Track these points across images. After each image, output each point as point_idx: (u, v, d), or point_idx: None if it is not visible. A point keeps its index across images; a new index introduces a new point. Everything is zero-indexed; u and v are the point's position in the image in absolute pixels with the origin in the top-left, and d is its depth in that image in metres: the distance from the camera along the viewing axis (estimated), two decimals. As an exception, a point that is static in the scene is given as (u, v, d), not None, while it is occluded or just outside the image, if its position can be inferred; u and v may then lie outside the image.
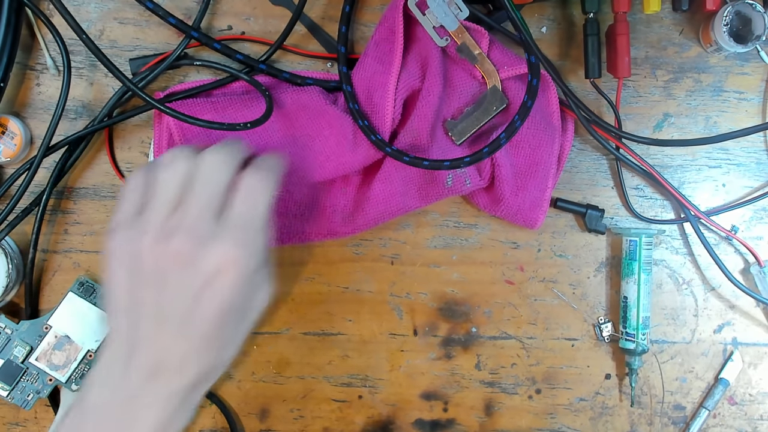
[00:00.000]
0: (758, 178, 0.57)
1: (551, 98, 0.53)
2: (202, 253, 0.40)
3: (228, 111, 0.52)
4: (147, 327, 0.41)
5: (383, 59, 0.51)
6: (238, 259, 0.40)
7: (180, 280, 0.40)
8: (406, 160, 0.50)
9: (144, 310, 0.41)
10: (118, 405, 0.40)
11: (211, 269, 0.40)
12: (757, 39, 0.52)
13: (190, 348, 0.40)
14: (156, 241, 0.40)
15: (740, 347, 0.57)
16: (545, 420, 0.57)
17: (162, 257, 0.40)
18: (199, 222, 0.40)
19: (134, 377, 0.40)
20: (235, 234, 0.41)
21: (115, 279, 0.42)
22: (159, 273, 0.40)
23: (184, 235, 0.40)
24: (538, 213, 0.54)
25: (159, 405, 0.40)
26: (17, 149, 0.54)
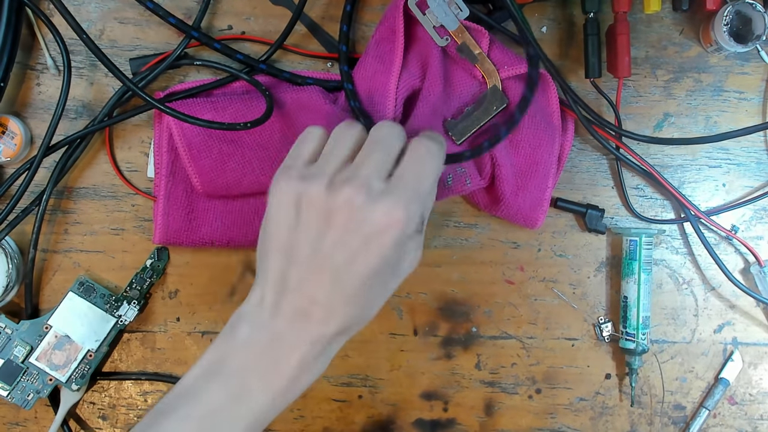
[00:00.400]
0: (758, 178, 0.57)
1: (551, 98, 0.53)
2: (371, 207, 0.40)
3: (228, 111, 0.52)
4: (301, 271, 0.41)
5: (384, 58, 0.51)
6: (401, 220, 0.40)
7: (344, 230, 0.40)
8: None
9: (301, 253, 0.41)
10: (264, 343, 0.41)
11: (376, 225, 0.40)
12: (757, 39, 0.52)
13: (339, 298, 0.41)
14: (328, 187, 0.41)
15: (740, 347, 0.57)
16: (545, 420, 0.57)
17: (331, 204, 0.41)
18: (371, 178, 0.41)
19: (282, 318, 0.41)
20: (403, 195, 0.41)
21: (277, 218, 0.42)
22: (324, 219, 0.41)
23: (355, 186, 0.41)
24: (539, 213, 0.54)
25: (303, 348, 0.41)
26: (17, 149, 0.54)
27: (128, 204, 0.56)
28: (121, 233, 0.56)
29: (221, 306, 0.56)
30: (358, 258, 0.41)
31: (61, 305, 0.54)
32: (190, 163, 0.52)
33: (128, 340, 0.57)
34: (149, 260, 0.56)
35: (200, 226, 0.54)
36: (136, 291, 0.55)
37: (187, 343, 0.57)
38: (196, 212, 0.54)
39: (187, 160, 0.52)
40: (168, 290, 0.56)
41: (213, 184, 0.52)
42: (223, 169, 0.52)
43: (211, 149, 0.52)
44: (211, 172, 0.52)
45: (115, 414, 0.57)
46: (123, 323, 0.55)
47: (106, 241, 0.56)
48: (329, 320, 0.41)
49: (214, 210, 0.54)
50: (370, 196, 0.41)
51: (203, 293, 0.56)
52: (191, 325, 0.57)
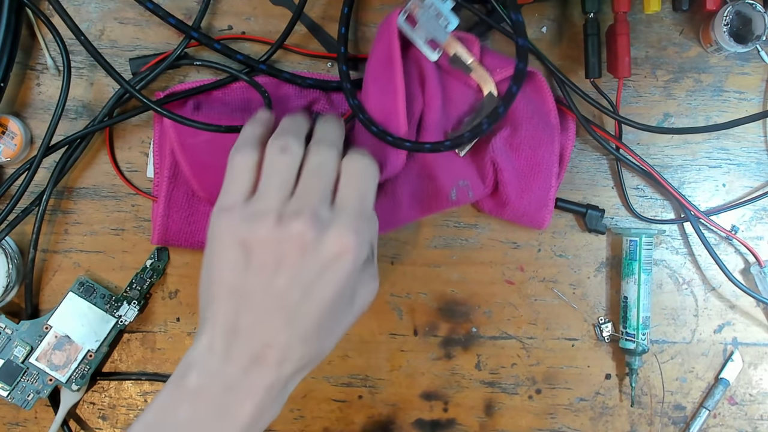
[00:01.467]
0: (758, 178, 0.57)
1: (546, 97, 0.53)
2: (321, 237, 0.40)
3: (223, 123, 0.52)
4: (252, 314, 0.40)
5: (386, 89, 0.51)
6: (353, 245, 0.40)
7: (297, 266, 0.39)
8: (389, 141, 0.49)
9: (252, 296, 0.40)
10: (215, 392, 0.40)
11: (329, 255, 0.40)
12: (757, 39, 0.52)
13: (295, 339, 0.40)
14: (276, 225, 0.40)
15: (740, 347, 0.57)
16: (545, 420, 0.57)
17: (281, 242, 0.39)
18: (318, 208, 0.40)
19: (234, 365, 0.40)
20: (349, 219, 0.41)
21: (222, 262, 0.41)
22: (275, 259, 0.40)
23: (304, 220, 0.39)
24: (545, 213, 0.54)
25: (257, 395, 0.40)
26: (17, 149, 0.54)
27: (128, 204, 0.56)
28: (121, 233, 0.56)
29: (221, 306, 0.56)
30: (312, 293, 0.40)
31: (61, 305, 0.54)
32: (193, 178, 0.52)
33: (128, 340, 0.57)
34: (149, 260, 0.56)
35: (200, 230, 0.54)
36: (136, 291, 0.55)
37: (187, 343, 0.57)
38: (197, 215, 0.54)
39: (191, 175, 0.52)
40: (168, 290, 0.56)
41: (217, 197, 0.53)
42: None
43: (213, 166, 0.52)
44: (213, 187, 0.52)
45: (115, 414, 0.57)
46: (123, 323, 0.55)
47: (106, 241, 0.56)
48: (285, 362, 0.40)
49: None
50: (320, 226, 0.40)
51: (203, 293, 0.56)
52: (191, 325, 0.57)
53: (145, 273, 0.56)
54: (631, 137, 0.56)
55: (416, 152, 0.51)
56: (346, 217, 0.41)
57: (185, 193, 0.54)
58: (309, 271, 0.40)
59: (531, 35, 0.56)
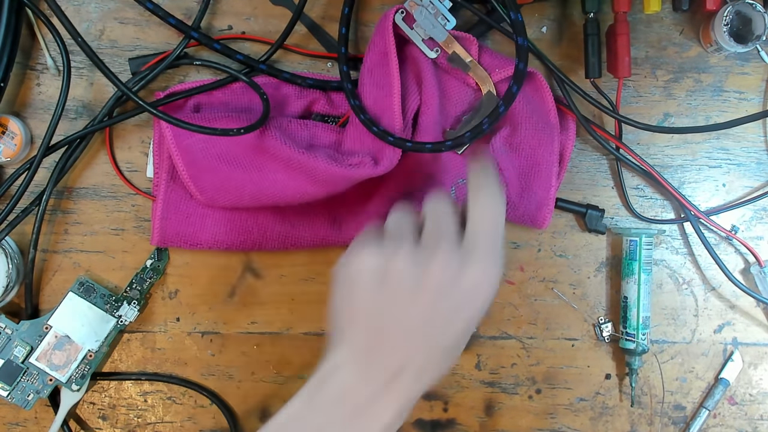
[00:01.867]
0: (758, 178, 0.57)
1: (545, 97, 0.53)
2: (464, 271, 0.41)
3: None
4: (391, 341, 0.41)
5: (381, 84, 0.51)
6: (495, 277, 0.42)
7: (435, 300, 0.41)
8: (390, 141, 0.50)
9: (391, 324, 0.41)
10: (348, 408, 0.41)
11: (472, 289, 0.41)
12: (757, 39, 0.52)
13: (431, 359, 0.42)
14: (414, 262, 0.41)
15: (740, 347, 0.57)
16: (545, 420, 0.57)
17: (422, 274, 0.41)
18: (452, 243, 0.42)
19: (370, 385, 0.41)
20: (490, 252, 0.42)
21: (362, 289, 0.42)
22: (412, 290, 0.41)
23: (445, 253, 0.41)
24: (545, 213, 0.54)
25: (387, 415, 0.41)
26: (17, 149, 0.54)
27: (128, 204, 0.56)
28: (121, 233, 0.56)
29: (221, 306, 0.56)
30: (448, 323, 0.41)
31: (61, 305, 0.54)
32: (190, 182, 0.52)
33: (128, 340, 0.57)
34: (149, 260, 0.56)
35: (198, 232, 0.54)
36: (136, 291, 0.55)
37: (187, 343, 0.57)
38: (195, 217, 0.54)
39: (188, 179, 0.52)
40: (168, 290, 0.56)
41: (215, 201, 0.53)
42: (223, 189, 0.52)
43: (210, 170, 0.52)
44: (211, 192, 0.52)
45: (115, 414, 0.57)
46: (123, 323, 0.55)
47: (106, 241, 0.56)
48: (419, 381, 0.42)
49: (213, 216, 0.54)
50: (456, 265, 0.41)
51: (203, 293, 0.56)
52: (191, 325, 0.57)
53: (145, 273, 0.56)
54: (631, 137, 0.56)
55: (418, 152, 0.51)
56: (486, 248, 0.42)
57: (183, 195, 0.54)
58: (447, 306, 0.41)
59: (531, 35, 0.56)
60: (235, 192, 0.52)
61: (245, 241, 0.54)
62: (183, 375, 0.57)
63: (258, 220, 0.54)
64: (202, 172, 0.52)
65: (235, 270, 0.56)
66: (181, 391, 0.57)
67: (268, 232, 0.54)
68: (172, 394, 0.57)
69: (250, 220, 0.54)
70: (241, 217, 0.54)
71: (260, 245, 0.54)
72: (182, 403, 0.57)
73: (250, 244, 0.54)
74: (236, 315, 0.57)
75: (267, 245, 0.54)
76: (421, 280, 0.41)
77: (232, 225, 0.54)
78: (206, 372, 0.57)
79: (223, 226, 0.54)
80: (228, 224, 0.54)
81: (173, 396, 0.57)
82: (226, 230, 0.54)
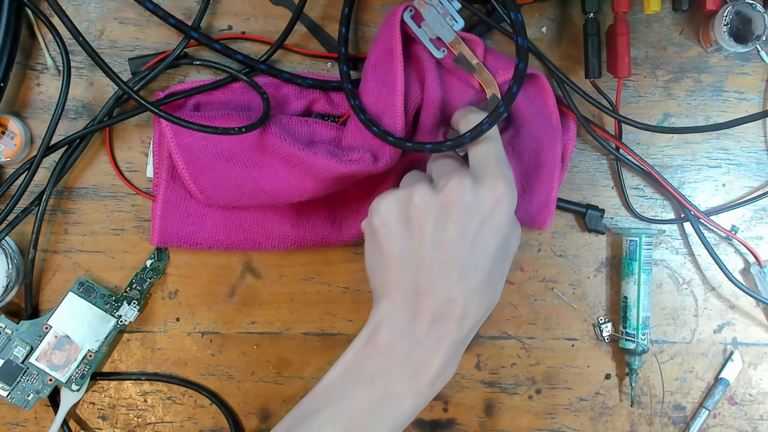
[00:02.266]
0: (758, 178, 0.57)
1: (548, 100, 0.53)
2: (476, 190, 0.42)
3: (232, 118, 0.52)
4: (429, 274, 0.42)
5: (385, 80, 0.51)
6: (507, 192, 0.43)
7: (459, 220, 0.42)
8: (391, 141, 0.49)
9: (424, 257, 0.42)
10: (405, 349, 0.42)
11: (487, 205, 0.42)
12: (757, 39, 0.52)
13: (472, 290, 0.42)
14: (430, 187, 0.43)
15: (740, 347, 0.57)
16: (545, 420, 0.57)
17: (440, 199, 0.42)
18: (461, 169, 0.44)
19: (420, 324, 0.42)
20: (494, 170, 0.43)
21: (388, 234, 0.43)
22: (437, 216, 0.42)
23: (457, 177, 0.42)
24: (546, 214, 0.54)
25: (443, 350, 0.42)
26: (17, 149, 0.54)
27: (128, 204, 0.56)
28: (121, 233, 0.56)
29: (221, 306, 0.56)
30: (477, 243, 0.42)
31: (61, 305, 0.54)
32: (190, 180, 0.52)
33: (128, 340, 0.57)
34: (149, 260, 0.56)
35: (198, 231, 0.54)
36: (136, 291, 0.55)
37: (187, 343, 0.57)
38: (195, 217, 0.54)
39: (188, 177, 0.52)
40: (168, 290, 0.56)
41: (215, 200, 0.53)
42: (223, 187, 0.52)
43: (210, 168, 0.52)
44: (211, 190, 0.52)
45: (115, 414, 0.57)
46: (123, 323, 0.55)
47: (106, 241, 0.56)
48: (466, 316, 0.42)
49: (212, 216, 0.54)
50: (470, 181, 0.42)
51: (203, 293, 0.56)
52: (191, 325, 0.57)
53: (145, 273, 0.56)
54: (630, 137, 0.56)
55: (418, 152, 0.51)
56: (490, 169, 0.43)
57: (182, 195, 0.54)
58: (470, 224, 0.42)
59: (531, 35, 0.56)
60: (234, 190, 0.52)
61: (245, 241, 0.54)
62: (183, 375, 0.57)
63: (258, 219, 0.54)
64: (202, 170, 0.52)
65: (235, 270, 0.56)
66: (181, 391, 0.57)
67: (267, 232, 0.54)
68: (172, 394, 0.57)
69: (250, 219, 0.54)
70: (240, 216, 0.54)
71: (260, 245, 0.54)
72: (182, 403, 0.57)
73: (249, 244, 0.54)
74: (236, 315, 0.57)
75: (267, 245, 0.54)
76: (441, 201, 0.42)
77: (232, 224, 0.54)
78: (206, 372, 0.57)
79: (223, 225, 0.54)
80: (227, 224, 0.54)
81: (173, 396, 0.57)
82: (225, 230, 0.54)
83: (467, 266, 0.42)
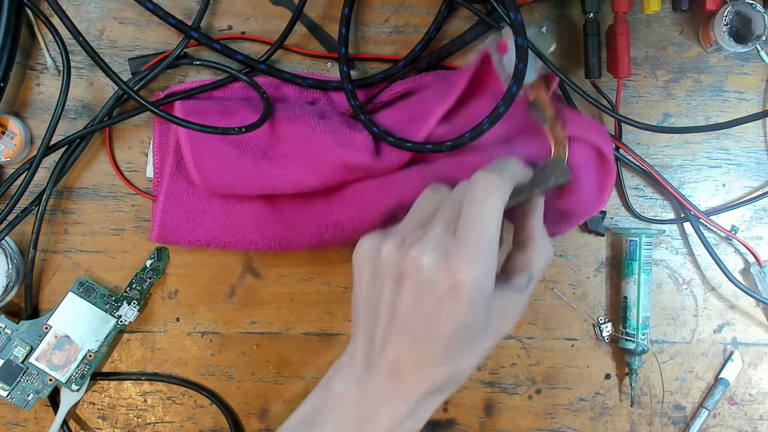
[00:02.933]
0: (758, 178, 0.57)
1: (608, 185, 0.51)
2: (437, 267, 0.39)
3: (236, 116, 0.52)
4: (383, 331, 0.42)
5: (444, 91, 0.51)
6: (468, 278, 0.39)
7: (415, 291, 0.40)
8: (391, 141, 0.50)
9: (381, 313, 0.42)
10: (357, 398, 0.42)
11: (445, 287, 0.39)
12: (757, 39, 0.52)
13: (425, 359, 0.41)
14: (399, 248, 0.41)
15: (740, 347, 0.57)
16: (545, 420, 0.57)
17: (401, 265, 0.41)
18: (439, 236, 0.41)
19: (374, 375, 0.42)
20: (465, 250, 0.39)
21: (359, 277, 0.43)
22: (395, 280, 0.41)
23: (421, 247, 0.40)
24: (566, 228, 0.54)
25: (394, 405, 0.41)
26: (17, 149, 0.54)
27: (128, 204, 0.56)
28: (121, 233, 0.56)
29: (221, 306, 0.56)
30: (433, 319, 0.40)
31: (61, 305, 0.54)
32: (191, 160, 0.52)
33: (128, 340, 0.57)
34: (149, 260, 0.56)
35: (197, 228, 0.54)
36: (136, 291, 0.55)
37: (187, 343, 0.57)
38: (195, 213, 0.54)
39: (189, 157, 0.52)
40: (168, 290, 0.56)
41: (211, 183, 0.52)
42: (220, 169, 0.52)
43: (211, 148, 0.52)
44: (209, 170, 0.52)
45: (115, 414, 0.57)
46: (123, 323, 0.55)
47: (106, 241, 0.56)
48: (419, 379, 0.41)
49: (212, 213, 0.54)
50: (436, 256, 0.40)
51: (203, 293, 0.56)
52: (191, 325, 0.57)
53: (144, 273, 0.56)
54: (630, 137, 0.56)
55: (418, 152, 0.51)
56: (462, 247, 0.39)
57: (186, 190, 0.54)
58: (426, 299, 0.40)
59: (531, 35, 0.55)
60: (234, 172, 0.52)
61: (242, 240, 0.54)
62: (183, 375, 0.57)
63: (256, 219, 0.54)
64: (204, 150, 0.52)
65: (235, 270, 0.56)
66: (180, 391, 0.57)
67: (265, 233, 0.54)
68: (172, 394, 0.57)
69: (249, 219, 0.54)
70: (239, 216, 0.54)
71: (257, 245, 0.54)
72: (182, 403, 0.57)
73: (247, 244, 0.54)
74: (236, 315, 0.57)
75: (264, 245, 0.54)
76: (400, 268, 0.40)
77: (230, 223, 0.54)
78: (206, 372, 0.57)
79: (221, 223, 0.54)
80: (226, 222, 0.54)
81: (173, 396, 0.57)
82: (223, 228, 0.54)
83: (419, 338, 0.40)
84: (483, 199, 0.40)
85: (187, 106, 0.52)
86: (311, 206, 0.54)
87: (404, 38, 0.55)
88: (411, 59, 0.54)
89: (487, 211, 0.40)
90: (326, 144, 0.50)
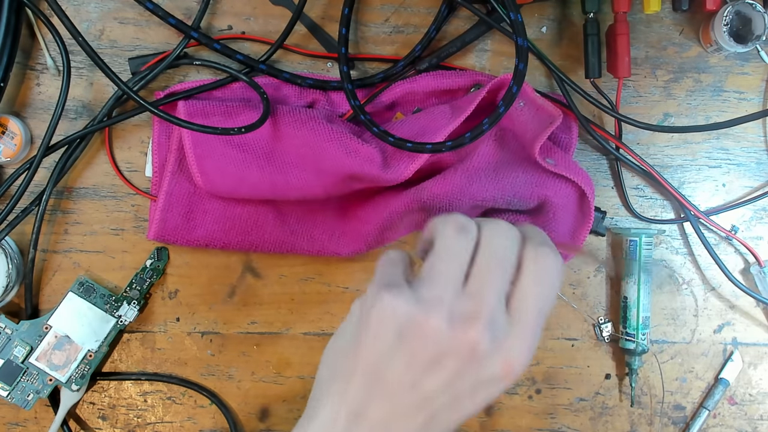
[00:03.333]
0: (758, 178, 0.57)
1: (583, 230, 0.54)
2: (493, 353, 0.35)
3: (240, 117, 0.52)
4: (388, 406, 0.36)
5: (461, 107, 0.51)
6: (521, 367, 0.36)
7: (455, 375, 0.36)
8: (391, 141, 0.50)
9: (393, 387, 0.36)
10: None
11: (495, 373, 0.36)
12: (757, 39, 0.52)
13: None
14: (449, 322, 0.35)
15: (740, 347, 0.57)
16: (545, 420, 0.57)
17: (450, 344, 0.35)
18: (495, 312, 0.36)
19: None
20: (525, 336, 0.36)
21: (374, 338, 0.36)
22: (435, 358, 0.36)
23: (481, 328, 0.35)
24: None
25: None
26: (17, 149, 0.54)
27: (128, 204, 0.56)
28: (121, 233, 0.56)
29: (221, 306, 0.56)
30: (459, 404, 0.36)
31: (61, 305, 0.54)
32: (194, 162, 0.52)
33: (128, 340, 0.57)
34: (149, 260, 0.56)
35: (197, 228, 0.54)
36: (136, 291, 0.55)
37: (187, 343, 0.57)
38: (195, 213, 0.54)
39: (192, 159, 0.52)
40: (168, 290, 0.56)
41: (214, 186, 0.52)
42: (223, 172, 0.52)
43: (215, 151, 0.52)
44: (212, 173, 0.52)
45: (115, 414, 0.57)
46: (123, 323, 0.55)
47: (106, 241, 0.56)
48: None
49: (212, 213, 0.54)
50: (495, 340, 0.35)
51: (203, 293, 0.56)
52: (191, 325, 0.57)
53: (144, 273, 0.56)
54: (630, 137, 0.56)
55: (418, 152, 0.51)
56: (522, 333, 0.36)
57: (187, 190, 0.54)
58: (465, 383, 0.36)
59: (531, 35, 0.56)
60: (236, 177, 0.52)
61: (242, 242, 0.54)
62: (183, 375, 0.57)
63: (258, 222, 0.54)
64: (207, 153, 0.52)
65: (235, 270, 0.56)
66: (180, 391, 0.57)
67: (266, 236, 0.54)
68: (172, 394, 0.57)
69: (250, 221, 0.54)
70: (241, 217, 0.54)
71: (256, 247, 0.54)
72: (182, 403, 0.57)
73: (246, 245, 0.54)
74: (236, 315, 0.57)
75: (263, 248, 0.54)
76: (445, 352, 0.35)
77: (231, 224, 0.54)
78: (206, 372, 0.57)
79: (222, 224, 0.54)
80: (227, 223, 0.54)
81: (173, 396, 0.57)
82: (224, 228, 0.54)
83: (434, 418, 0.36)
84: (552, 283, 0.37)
85: (190, 108, 0.52)
86: (316, 214, 0.54)
87: (404, 38, 0.55)
88: (411, 59, 0.54)
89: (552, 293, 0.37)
90: (332, 152, 0.50)
